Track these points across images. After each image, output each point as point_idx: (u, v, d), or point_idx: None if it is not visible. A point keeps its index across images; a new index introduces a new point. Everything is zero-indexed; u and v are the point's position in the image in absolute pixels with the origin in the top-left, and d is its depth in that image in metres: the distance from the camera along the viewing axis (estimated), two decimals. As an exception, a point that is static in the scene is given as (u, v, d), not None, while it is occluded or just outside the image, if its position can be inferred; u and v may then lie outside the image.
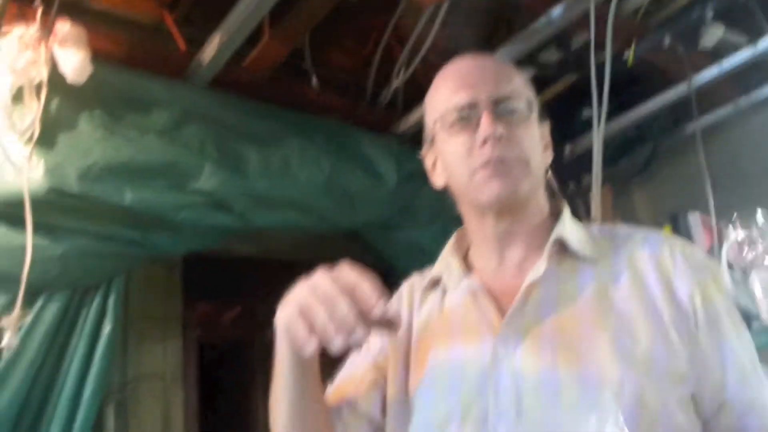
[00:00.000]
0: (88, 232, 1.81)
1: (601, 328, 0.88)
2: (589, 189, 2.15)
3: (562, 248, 0.98)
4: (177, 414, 2.84)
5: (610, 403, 0.81)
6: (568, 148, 2.48)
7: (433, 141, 1.05)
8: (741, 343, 0.91)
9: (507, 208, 0.98)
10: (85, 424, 1.96)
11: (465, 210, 1.03)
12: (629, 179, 2.52)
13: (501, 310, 0.94)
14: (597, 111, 1.80)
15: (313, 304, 0.79)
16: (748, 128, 2.18)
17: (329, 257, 1.10)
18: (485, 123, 0.95)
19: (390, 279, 1.09)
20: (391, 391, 1.00)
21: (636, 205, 2.56)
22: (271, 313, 0.95)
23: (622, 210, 2.50)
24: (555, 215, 1.03)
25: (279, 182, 2.00)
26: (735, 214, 1.64)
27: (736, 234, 1.64)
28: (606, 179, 2.48)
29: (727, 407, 0.88)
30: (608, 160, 2.47)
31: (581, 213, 2.33)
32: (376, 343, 1.05)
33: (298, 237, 2.47)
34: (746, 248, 1.61)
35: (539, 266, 0.95)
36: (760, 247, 1.59)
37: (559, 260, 0.97)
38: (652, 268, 0.93)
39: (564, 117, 2.44)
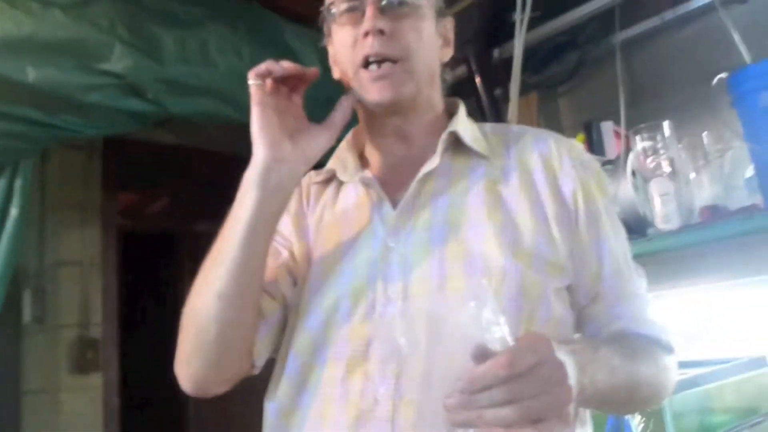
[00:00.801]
0: (-9, 110, 1.74)
1: (488, 221, 0.92)
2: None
3: (457, 145, 0.99)
4: (95, 301, 2.85)
5: (493, 290, 0.85)
6: (496, 53, 2.46)
7: (329, 32, 1.03)
8: (617, 240, 0.97)
9: (392, 109, 0.98)
10: (-7, 306, 1.94)
11: (357, 104, 1.02)
12: (555, 87, 2.53)
13: (394, 203, 0.96)
14: (520, 15, 1.78)
15: None
16: (671, 42, 2.19)
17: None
18: (367, 15, 0.94)
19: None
20: (298, 284, 1.01)
21: (560, 113, 2.59)
22: (199, 204, 0.93)
23: (546, 117, 2.52)
24: (450, 113, 1.04)
25: (196, 69, 1.94)
26: (642, 125, 1.67)
27: (641, 143, 1.68)
28: (532, 86, 2.51)
29: (601, 297, 0.95)
30: (536, 67, 2.50)
31: (507, 118, 2.34)
32: (287, 230, 1.05)
33: (226, 127, 2.42)
34: (650, 157, 1.66)
35: (433, 160, 0.96)
36: (662, 157, 1.64)
37: (453, 156, 0.99)
38: (540, 165, 0.97)
39: (493, 21, 2.41)
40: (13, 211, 1.95)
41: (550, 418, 0.67)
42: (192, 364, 0.94)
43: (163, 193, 3.78)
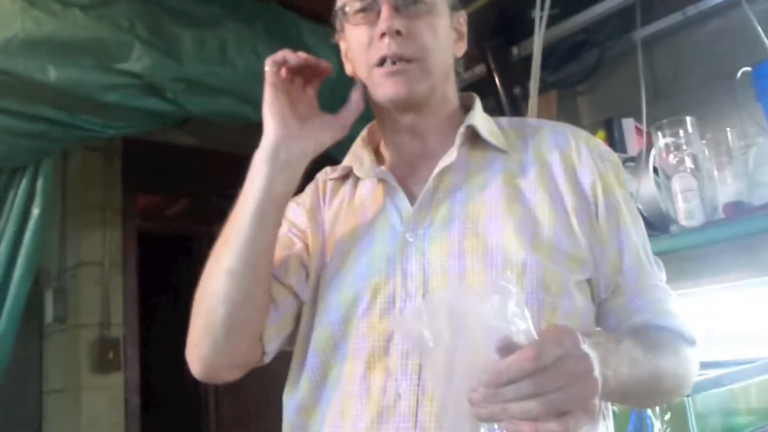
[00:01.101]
0: (11, 110, 1.76)
1: (507, 215, 0.91)
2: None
3: (474, 139, 0.98)
4: (116, 301, 2.87)
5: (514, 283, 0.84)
6: (515, 51, 2.45)
7: (342, 28, 1.02)
8: (636, 232, 0.96)
9: (406, 105, 0.97)
10: (15, 305, 1.96)
11: (372, 102, 1.01)
12: (575, 85, 2.51)
13: (411, 198, 0.96)
14: (539, 13, 1.76)
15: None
16: (693, 38, 2.16)
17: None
18: (383, 16, 0.93)
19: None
20: (311, 278, 1.00)
21: (580, 111, 2.56)
22: (217, 206, 0.92)
23: (566, 115, 2.50)
24: (466, 108, 1.03)
25: (214, 68, 1.95)
26: (664, 121, 1.65)
27: (663, 140, 1.66)
28: (552, 84, 2.49)
29: (621, 289, 0.93)
30: (555, 65, 2.48)
31: (526, 117, 2.33)
32: (302, 223, 1.04)
33: (245, 129, 2.42)
34: (672, 154, 1.64)
35: (450, 154, 0.95)
36: (684, 153, 1.62)
37: (470, 150, 0.98)
38: (558, 158, 0.96)
39: (512, 19, 2.40)
40: (35, 211, 1.96)
41: (575, 411, 0.66)
42: (202, 346, 0.94)
43: (182, 195, 3.80)
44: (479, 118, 1.00)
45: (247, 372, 1.00)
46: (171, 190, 3.55)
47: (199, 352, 0.94)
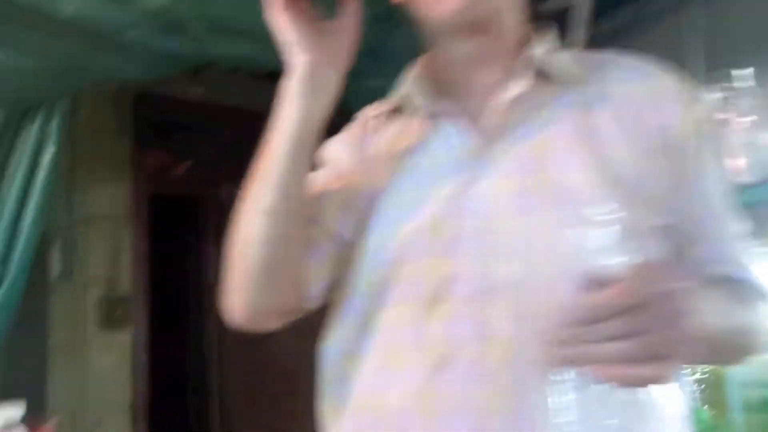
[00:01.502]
0: (26, 46, 1.66)
1: (579, 153, 0.83)
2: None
3: (542, 71, 0.89)
4: (125, 256, 2.80)
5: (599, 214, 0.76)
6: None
7: None
8: (720, 179, 0.89)
9: (468, 27, 0.87)
10: (24, 253, 1.89)
11: (424, 30, 0.92)
12: (610, 42, 2.40)
13: (471, 133, 0.87)
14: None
15: None
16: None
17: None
18: None
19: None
20: (356, 218, 0.92)
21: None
22: (225, 166, 0.87)
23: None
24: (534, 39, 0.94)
25: (238, 8, 1.83)
26: (717, 73, 1.57)
27: (715, 94, 1.57)
28: (593, 38, 2.37)
29: (702, 237, 0.86)
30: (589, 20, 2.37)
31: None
32: (343, 161, 0.96)
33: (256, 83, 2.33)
34: (726, 108, 1.56)
35: (514, 87, 0.87)
36: (733, 109, 1.54)
37: (538, 83, 0.89)
38: (638, 94, 0.87)
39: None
40: (50, 152, 1.89)
41: (670, 355, 0.60)
42: (242, 292, 0.88)
43: (191, 151, 3.71)
44: (548, 48, 0.91)
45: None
46: (180, 143, 3.46)
47: (240, 298, 0.89)
